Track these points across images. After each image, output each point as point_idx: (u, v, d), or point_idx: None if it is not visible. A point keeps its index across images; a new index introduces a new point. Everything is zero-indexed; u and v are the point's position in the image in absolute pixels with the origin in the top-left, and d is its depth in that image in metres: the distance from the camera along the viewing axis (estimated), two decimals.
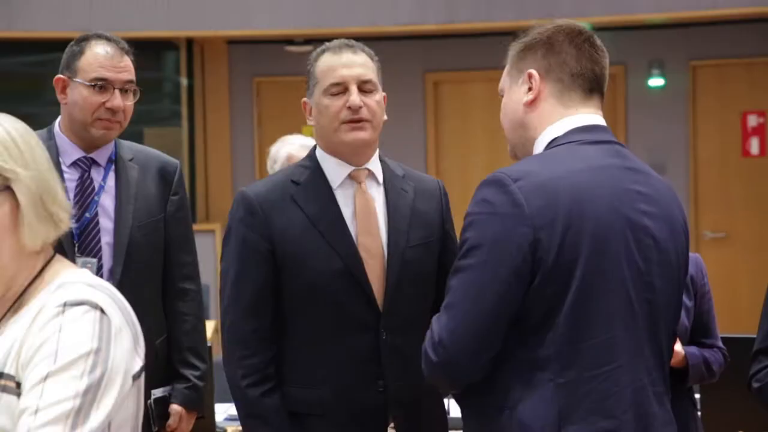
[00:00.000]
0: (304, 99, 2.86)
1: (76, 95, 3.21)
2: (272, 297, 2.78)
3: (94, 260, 3.18)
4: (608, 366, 2.13)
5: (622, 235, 2.15)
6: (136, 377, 1.81)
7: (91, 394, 1.68)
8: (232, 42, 9.52)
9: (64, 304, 1.74)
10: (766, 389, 2.84)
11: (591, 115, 2.27)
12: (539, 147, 2.26)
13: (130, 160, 3.33)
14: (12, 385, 1.74)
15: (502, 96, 2.35)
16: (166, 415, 3.34)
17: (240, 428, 3.03)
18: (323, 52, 2.83)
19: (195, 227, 10.29)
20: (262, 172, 9.51)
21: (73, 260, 3.11)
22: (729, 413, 3.80)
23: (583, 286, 2.10)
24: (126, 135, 3.46)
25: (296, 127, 9.57)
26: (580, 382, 2.11)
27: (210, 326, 7.11)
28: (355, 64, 2.79)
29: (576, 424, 2.11)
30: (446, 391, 2.32)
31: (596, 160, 2.20)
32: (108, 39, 3.27)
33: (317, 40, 8.97)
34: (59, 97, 3.25)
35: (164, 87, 10.09)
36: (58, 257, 1.88)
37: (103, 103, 3.21)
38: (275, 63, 9.53)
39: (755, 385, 2.89)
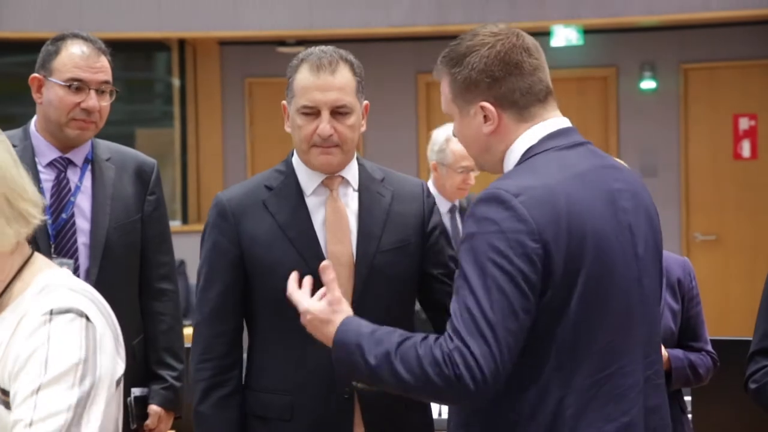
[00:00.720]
0: (284, 102, 2.84)
1: (51, 95, 3.19)
2: (239, 302, 2.79)
3: (71, 261, 3.17)
4: (607, 370, 2.14)
5: (615, 240, 2.16)
6: (119, 382, 1.81)
7: (81, 406, 1.69)
8: (224, 43, 9.51)
9: (51, 312, 1.73)
10: (764, 390, 2.83)
11: (556, 119, 2.27)
12: (512, 157, 2.25)
13: (107, 160, 3.31)
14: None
15: (449, 114, 2.33)
16: (145, 415, 3.35)
17: None
18: (302, 62, 2.78)
19: (186, 228, 10.29)
20: (254, 172, 9.50)
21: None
22: (720, 417, 3.79)
23: (585, 294, 2.11)
24: (118, 135, 3.45)
25: None
26: (584, 389, 2.12)
27: None
28: (331, 87, 2.74)
29: (583, 430, 2.11)
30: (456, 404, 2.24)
31: (579, 165, 2.20)
32: (84, 38, 3.23)
33: (309, 42, 8.99)
34: (35, 96, 3.22)
35: (156, 88, 10.09)
36: (37, 255, 1.87)
37: (78, 103, 3.18)
38: (267, 64, 9.52)
39: (752, 386, 2.88)
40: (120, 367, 1.81)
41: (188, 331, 7.43)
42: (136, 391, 3.32)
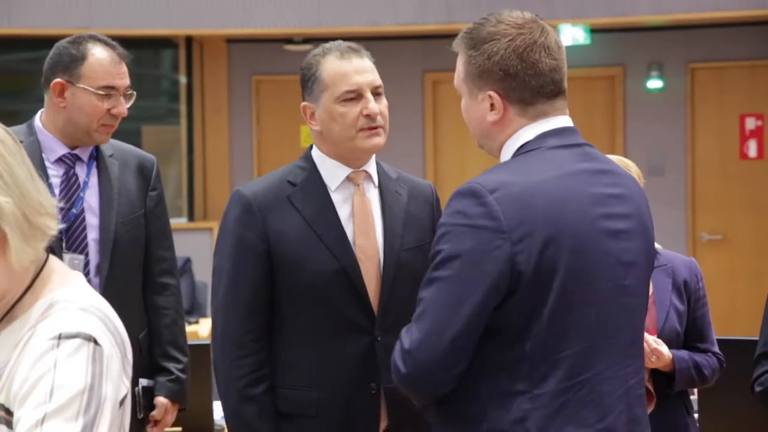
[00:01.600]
0: (304, 103, 2.82)
1: (82, 101, 3.20)
2: (267, 298, 2.77)
3: (81, 257, 3.20)
4: (583, 375, 2.11)
5: (597, 243, 2.13)
6: (122, 402, 1.79)
7: None
8: (232, 40, 9.52)
9: (59, 336, 1.71)
10: None
11: (558, 118, 2.24)
12: (508, 151, 2.24)
13: (110, 156, 3.34)
14: (1, 413, 1.73)
15: (458, 90, 2.31)
16: (151, 405, 3.38)
17: None
18: (325, 55, 2.78)
19: (192, 225, 10.28)
20: (260, 170, 9.51)
21: (61, 257, 3.13)
22: (727, 417, 3.79)
23: (561, 297, 2.08)
24: (124, 133, 3.47)
25: (295, 127, 9.59)
26: (556, 393, 2.09)
27: (208, 324, 7.12)
28: (366, 69, 2.77)
29: None
30: (417, 403, 2.25)
31: (568, 166, 2.18)
32: (104, 42, 3.26)
33: (317, 40, 8.98)
34: (56, 100, 3.21)
35: (163, 85, 10.09)
36: (51, 261, 1.84)
37: (109, 109, 3.22)
38: (274, 62, 9.53)
39: (758, 389, 2.88)
40: (124, 387, 1.80)
41: (193, 328, 7.40)
42: (143, 382, 3.37)
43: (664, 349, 3.27)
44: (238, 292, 2.75)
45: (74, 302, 1.78)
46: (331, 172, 2.81)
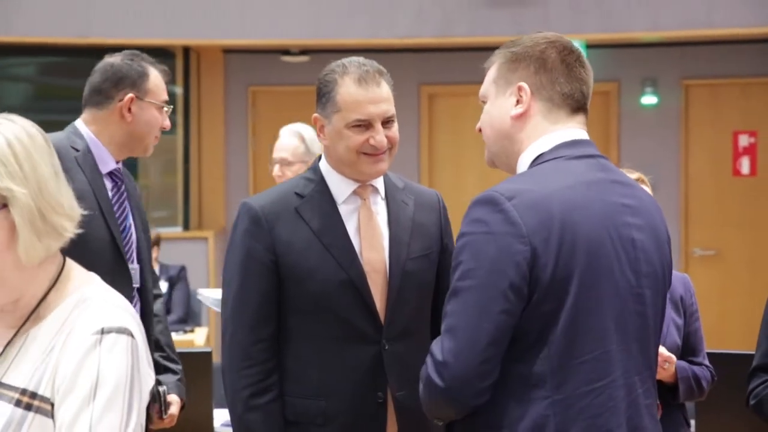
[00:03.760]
0: (316, 115, 2.85)
1: (148, 115, 3.31)
2: (275, 308, 2.79)
3: (137, 267, 3.31)
4: (602, 381, 2.14)
5: (612, 250, 2.17)
6: (150, 392, 1.86)
7: (127, 425, 1.74)
8: (229, 51, 9.55)
9: (102, 331, 1.76)
10: (764, 402, 2.87)
11: (576, 130, 2.29)
12: (524, 162, 2.28)
13: None
14: (47, 407, 1.76)
15: (484, 102, 2.36)
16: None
17: None
18: (344, 75, 2.80)
19: (187, 234, 10.26)
20: (256, 180, 9.53)
21: (126, 268, 3.22)
22: (723, 430, 3.83)
23: (577, 302, 2.11)
24: None
25: None
26: (576, 398, 2.12)
27: (203, 333, 7.15)
28: (381, 99, 2.80)
29: None
30: (447, 418, 2.24)
31: (584, 176, 2.21)
32: (150, 61, 3.41)
33: (314, 51, 9.02)
34: (126, 115, 3.29)
35: None
36: (70, 263, 1.88)
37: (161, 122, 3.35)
38: (271, 73, 9.56)
39: (752, 401, 2.90)
40: (152, 378, 1.86)
41: (188, 336, 7.41)
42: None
43: (673, 357, 3.34)
44: (246, 302, 2.78)
45: (106, 298, 1.83)
46: (338, 185, 2.84)
